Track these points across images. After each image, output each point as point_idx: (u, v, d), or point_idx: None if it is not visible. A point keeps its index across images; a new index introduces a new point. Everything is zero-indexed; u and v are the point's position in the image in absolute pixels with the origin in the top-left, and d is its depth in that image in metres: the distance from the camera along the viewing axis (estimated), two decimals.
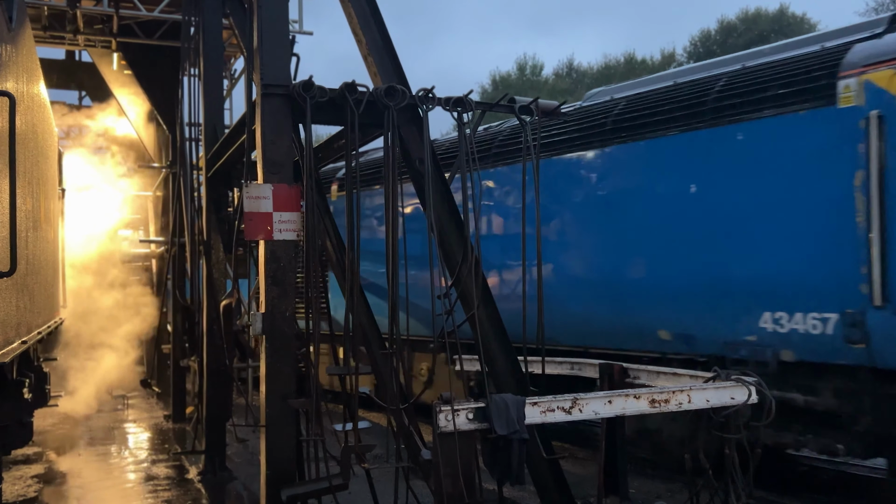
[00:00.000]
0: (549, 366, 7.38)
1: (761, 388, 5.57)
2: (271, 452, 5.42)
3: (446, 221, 5.84)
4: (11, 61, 5.80)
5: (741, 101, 7.39)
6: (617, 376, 7.01)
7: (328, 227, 6.57)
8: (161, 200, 15.42)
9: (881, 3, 33.31)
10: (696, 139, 7.69)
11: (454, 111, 5.78)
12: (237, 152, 7.27)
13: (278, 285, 5.50)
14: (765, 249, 7.09)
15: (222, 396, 8.74)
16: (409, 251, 5.71)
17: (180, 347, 12.10)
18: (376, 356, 6.23)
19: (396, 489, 5.59)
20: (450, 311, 5.43)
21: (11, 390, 6.87)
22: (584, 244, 8.83)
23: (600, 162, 8.70)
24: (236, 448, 9.64)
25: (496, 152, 9.95)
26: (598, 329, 8.51)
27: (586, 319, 8.61)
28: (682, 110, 7.90)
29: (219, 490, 8.24)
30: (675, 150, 7.89)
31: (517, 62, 49.79)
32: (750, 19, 39.88)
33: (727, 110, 7.47)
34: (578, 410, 5.16)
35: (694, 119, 7.75)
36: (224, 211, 8.81)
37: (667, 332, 7.85)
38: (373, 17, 6.04)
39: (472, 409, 4.90)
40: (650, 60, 45.13)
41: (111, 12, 12.22)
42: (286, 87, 5.55)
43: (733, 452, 5.63)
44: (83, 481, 8.87)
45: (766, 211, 7.10)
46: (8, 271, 4.88)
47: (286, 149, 5.61)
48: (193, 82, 9.49)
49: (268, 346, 5.47)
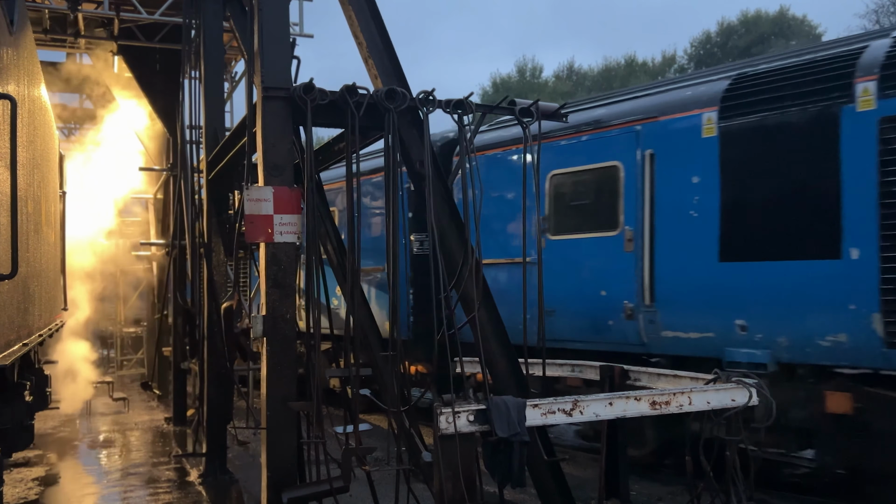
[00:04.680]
0: (549, 367, 7.40)
1: (762, 390, 5.57)
2: (272, 455, 5.42)
3: (446, 223, 5.84)
4: (12, 64, 5.81)
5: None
6: (617, 378, 7.01)
7: (329, 230, 6.58)
8: (162, 203, 15.43)
9: (881, 6, 33.32)
10: None
11: (455, 113, 5.79)
12: (238, 155, 7.28)
13: (279, 288, 5.50)
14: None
15: (223, 399, 8.74)
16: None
17: (181, 350, 12.10)
18: (376, 358, 6.24)
19: (397, 491, 5.59)
20: (450, 313, 5.43)
21: (12, 393, 6.88)
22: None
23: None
24: (237, 451, 9.64)
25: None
26: None
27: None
28: None
29: (220, 492, 8.23)
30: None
31: (517, 65, 49.87)
32: (750, 21, 39.91)
33: None
34: (579, 412, 5.16)
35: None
36: (225, 213, 8.81)
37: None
38: (373, 20, 6.05)
39: (473, 411, 4.90)
40: (651, 62, 45.19)
41: (112, 15, 12.23)
42: (287, 89, 5.56)
43: (734, 454, 5.63)
44: (83, 484, 8.88)
45: None
46: (9, 274, 4.89)
47: (287, 151, 5.62)
48: (194, 85, 9.49)
49: (269, 349, 5.47)
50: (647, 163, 8.30)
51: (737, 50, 36.68)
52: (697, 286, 7.89)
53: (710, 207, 7.84)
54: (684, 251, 8.01)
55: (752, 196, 7.59)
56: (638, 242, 8.35)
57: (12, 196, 5.00)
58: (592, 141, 9.01)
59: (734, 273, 7.62)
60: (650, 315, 8.24)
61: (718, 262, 7.72)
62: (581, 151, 9.11)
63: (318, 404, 5.42)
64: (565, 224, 9.20)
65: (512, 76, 48.65)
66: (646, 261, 8.25)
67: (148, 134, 14.78)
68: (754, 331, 7.44)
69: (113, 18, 12.35)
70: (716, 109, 7.87)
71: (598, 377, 7.23)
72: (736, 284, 7.58)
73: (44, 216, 8.04)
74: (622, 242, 8.53)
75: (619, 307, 8.51)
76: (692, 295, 7.93)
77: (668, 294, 8.12)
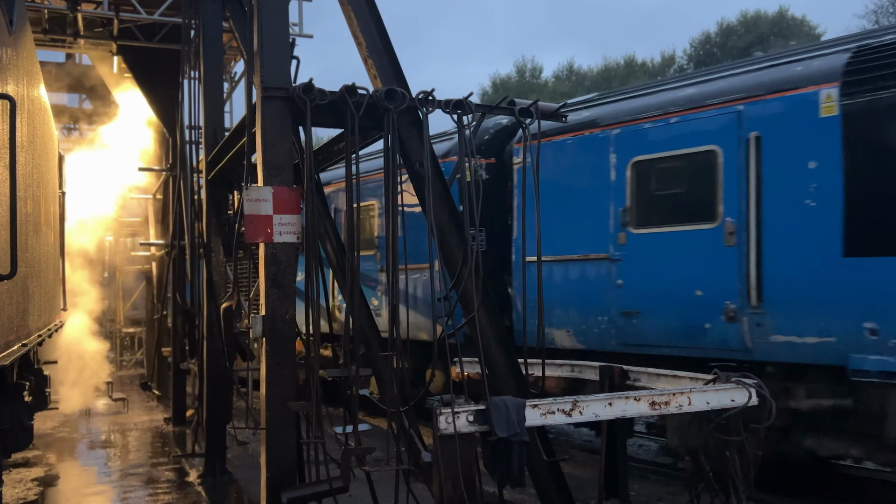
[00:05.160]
0: (549, 368, 7.39)
1: (761, 390, 5.57)
2: (272, 455, 5.41)
3: (446, 223, 5.84)
4: (12, 64, 5.81)
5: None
6: (617, 378, 7.01)
7: (328, 230, 6.57)
8: (161, 203, 15.42)
9: (880, 6, 33.34)
10: None
11: (454, 114, 5.79)
12: (237, 155, 7.28)
13: (278, 288, 5.50)
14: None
15: (222, 399, 8.74)
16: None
17: (180, 350, 12.10)
18: (376, 358, 6.23)
19: (397, 492, 5.59)
20: (450, 313, 5.44)
21: (12, 393, 6.88)
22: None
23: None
24: (236, 451, 9.64)
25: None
26: None
27: None
28: None
29: (219, 493, 8.23)
30: None
31: (516, 65, 49.86)
32: (750, 21, 39.92)
33: None
34: (579, 413, 5.16)
35: None
36: (224, 214, 8.81)
37: None
38: (372, 20, 6.05)
39: (473, 411, 4.90)
40: (650, 63, 45.19)
41: (111, 15, 12.22)
42: (286, 89, 5.56)
43: (734, 455, 5.63)
44: (82, 484, 8.87)
45: None
46: (8, 274, 4.89)
47: (286, 151, 5.62)
48: (194, 85, 9.49)
49: (268, 349, 5.47)
50: (752, 146, 7.38)
51: (736, 50, 36.67)
52: (816, 284, 7.01)
53: (830, 196, 6.94)
54: (799, 245, 7.12)
55: (885, 183, 6.70)
56: (741, 236, 7.43)
57: (11, 196, 4.99)
58: (683, 123, 8.02)
59: (862, 270, 6.77)
60: (757, 317, 7.30)
61: (842, 258, 6.87)
62: (669, 135, 8.12)
63: (318, 404, 5.42)
64: (651, 216, 8.21)
65: (511, 76, 48.66)
66: (751, 256, 7.32)
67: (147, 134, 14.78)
68: (888, 335, 6.57)
69: (112, 18, 12.35)
70: (836, 85, 6.96)
71: (598, 377, 7.22)
72: (865, 283, 6.73)
73: (43, 216, 8.04)
74: (721, 235, 7.59)
75: (719, 308, 7.55)
76: (809, 294, 7.03)
77: (780, 293, 7.19)
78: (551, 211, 8.65)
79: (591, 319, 8.64)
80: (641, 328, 8.15)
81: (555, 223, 8.74)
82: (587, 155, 8.87)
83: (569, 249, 8.89)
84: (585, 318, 8.70)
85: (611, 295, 8.46)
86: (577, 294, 8.80)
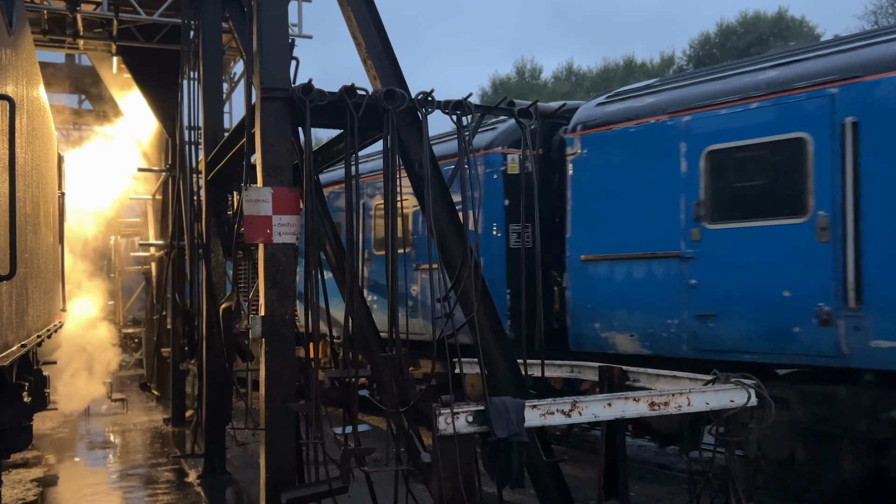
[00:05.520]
0: (548, 369, 7.37)
1: (760, 390, 5.57)
2: (271, 455, 5.41)
3: (445, 224, 5.84)
4: (11, 65, 5.81)
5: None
6: (616, 379, 7.00)
7: (327, 231, 6.57)
8: (160, 204, 15.42)
9: (879, 7, 33.38)
10: None
11: (453, 114, 5.79)
12: (237, 156, 7.28)
13: (278, 289, 5.50)
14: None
15: (222, 400, 8.74)
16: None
17: (180, 351, 12.10)
18: (376, 359, 6.23)
19: (396, 492, 5.58)
20: (450, 314, 5.43)
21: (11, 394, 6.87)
22: None
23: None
24: (236, 451, 9.64)
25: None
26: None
27: None
28: None
29: (219, 493, 8.23)
30: None
31: (516, 66, 49.85)
32: (749, 22, 39.92)
33: None
34: (578, 413, 5.15)
35: None
36: (224, 214, 8.81)
37: None
38: (372, 21, 6.05)
39: (472, 411, 4.90)
40: (650, 63, 45.20)
41: (111, 16, 12.22)
42: (286, 90, 5.56)
43: (733, 455, 5.62)
44: (81, 485, 8.87)
45: None
46: (7, 275, 4.89)
47: (286, 152, 5.62)
48: (193, 86, 9.49)
49: (267, 350, 5.47)
50: (849, 133, 6.75)
51: (735, 51, 36.67)
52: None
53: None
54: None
55: None
56: (836, 231, 6.78)
57: (11, 197, 4.99)
58: (766, 109, 7.33)
59: None
60: (855, 320, 6.67)
61: None
62: (750, 122, 7.43)
63: (317, 405, 5.42)
64: (729, 210, 7.55)
65: (511, 77, 48.66)
66: (849, 253, 6.69)
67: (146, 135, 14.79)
68: None
69: (112, 19, 12.35)
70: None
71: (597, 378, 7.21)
72: None
73: (42, 217, 8.03)
74: (813, 231, 6.93)
75: (810, 311, 6.89)
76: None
77: (882, 294, 6.56)
78: (610, 205, 8.35)
79: (659, 322, 7.99)
80: (718, 332, 7.51)
81: (614, 218, 8.33)
82: (652, 144, 8.16)
83: (632, 246, 8.24)
84: (652, 321, 8.05)
85: (682, 296, 7.79)
86: (642, 295, 8.12)
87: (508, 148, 9.79)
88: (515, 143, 9.53)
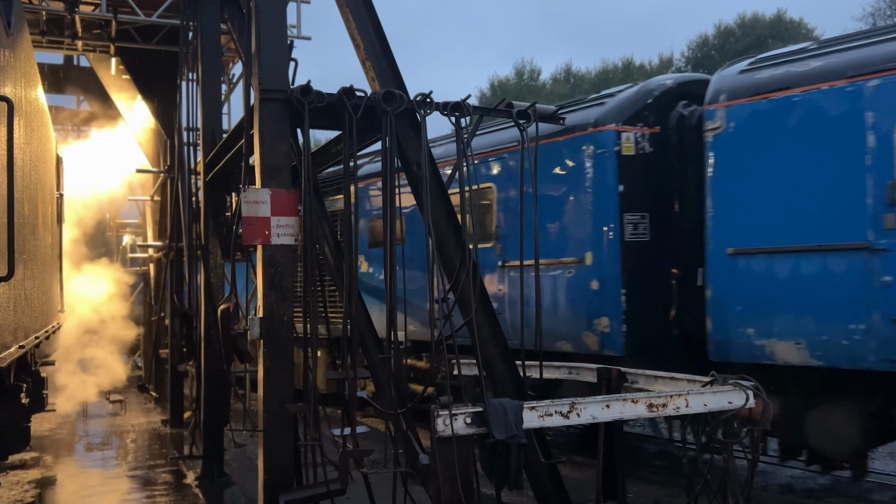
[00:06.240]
0: (546, 370, 7.38)
1: (759, 391, 5.57)
2: (269, 457, 5.41)
3: (444, 226, 5.84)
4: (9, 66, 5.80)
5: None
6: (615, 380, 7.00)
7: (326, 232, 6.57)
8: (159, 205, 15.41)
9: (878, 9, 33.43)
10: None
11: (452, 116, 5.79)
12: (235, 157, 7.27)
13: (276, 290, 5.49)
14: None
15: (220, 401, 8.72)
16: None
17: (178, 352, 12.09)
18: (374, 360, 6.23)
19: (395, 494, 5.58)
20: (448, 315, 5.43)
21: (9, 395, 6.87)
22: None
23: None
24: (234, 453, 9.62)
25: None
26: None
27: None
28: None
29: (217, 495, 8.22)
30: None
31: (515, 67, 49.88)
32: (747, 24, 39.99)
33: None
34: (576, 415, 5.16)
35: None
36: (222, 215, 8.80)
37: None
38: (370, 23, 6.05)
39: (470, 413, 4.90)
40: (648, 65, 45.24)
41: (109, 17, 12.22)
42: (284, 91, 5.56)
43: (731, 457, 5.63)
44: (80, 486, 8.86)
45: None
46: (6, 276, 4.88)
47: (284, 153, 5.62)
48: (192, 87, 9.48)
49: (266, 351, 5.46)
50: None
51: (734, 53, 36.71)
52: None
53: None
54: None
55: None
56: None
57: (9, 198, 4.99)
58: None
59: None
60: None
61: None
62: None
63: (315, 406, 5.41)
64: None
65: (510, 79, 48.69)
66: None
67: (145, 136, 14.78)
68: None
69: (110, 20, 12.35)
70: None
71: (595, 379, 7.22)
72: None
73: (40, 218, 8.03)
74: None
75: None
76: None
77: None
78: (767, 188, 7.14)
79: (838, 328, 6.68)
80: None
81: (773, 204, 7.11)
82: (825, 115, 6.89)
83: (799, 237, 6.96)
84: (828, 326, 6.75)
85: (871, 296, 6.51)
86: (813, 295, 6.84)
87: (623, 125, 8.35)
88: (631, 120, 8.36)
